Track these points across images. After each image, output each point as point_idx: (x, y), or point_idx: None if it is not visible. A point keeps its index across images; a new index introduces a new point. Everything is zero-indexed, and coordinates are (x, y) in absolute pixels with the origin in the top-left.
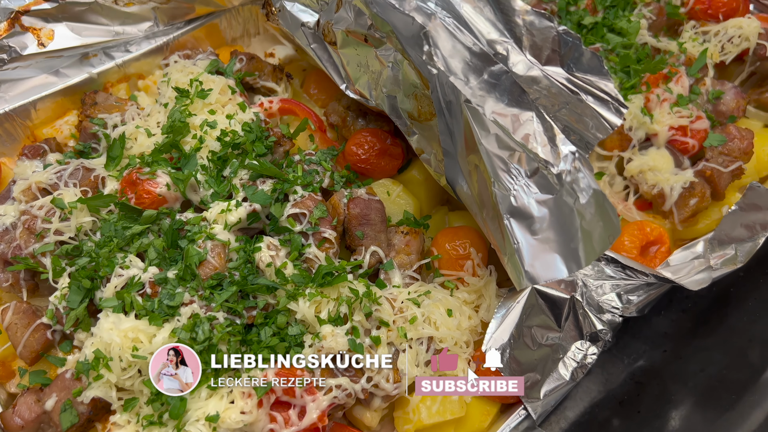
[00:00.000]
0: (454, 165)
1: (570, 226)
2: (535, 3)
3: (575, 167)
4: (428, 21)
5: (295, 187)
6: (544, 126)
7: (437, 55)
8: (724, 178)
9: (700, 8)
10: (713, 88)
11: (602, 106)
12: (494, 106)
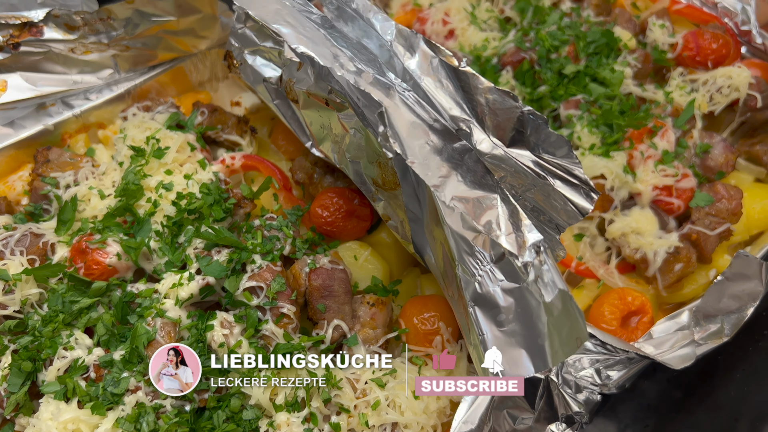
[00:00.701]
0: (421, 233)
1: (537, 321)
2: (514, 51)
3: (540, 260)
4: (385, 96)
5: (253, 256)
6: (509, 210)
7: (394, 136)
8: (711, 242)
9: (688, 55)
10: (701, 141)
11: (572, 191)
12: (456, 189)
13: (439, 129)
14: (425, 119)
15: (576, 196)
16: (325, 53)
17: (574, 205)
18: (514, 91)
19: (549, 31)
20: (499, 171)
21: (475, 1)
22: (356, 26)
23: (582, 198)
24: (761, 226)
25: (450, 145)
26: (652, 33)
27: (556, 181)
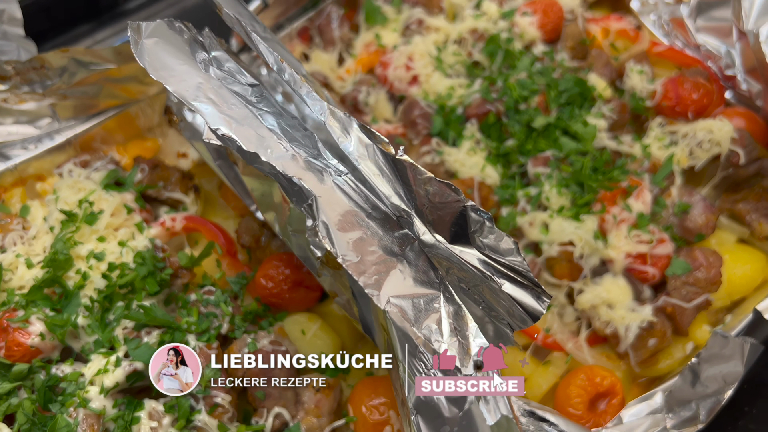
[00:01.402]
0: (369, 315)
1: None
2: (480, 102)
3: (485, 376)
4: (318, 182)
5: (187, 337)
6: (453, 311)
7: (325, 230)
8: (688, 314)
9: (667, 104)
10: (680, 200)
11: (522, 292)
12: (395, 288)
13: (378, 217)
14: (363, 207)
15: (526, 298)
16: (251, 135)
17: (524, 309)
18: (479, 145)
19: (518, 80)
20: (443, 263)
21: (442, 44)
22: (291, 101)
23: (533, 300)
24: (743, 291)
25: (390, 234)
26: (630, 79)
27: (504, 281)
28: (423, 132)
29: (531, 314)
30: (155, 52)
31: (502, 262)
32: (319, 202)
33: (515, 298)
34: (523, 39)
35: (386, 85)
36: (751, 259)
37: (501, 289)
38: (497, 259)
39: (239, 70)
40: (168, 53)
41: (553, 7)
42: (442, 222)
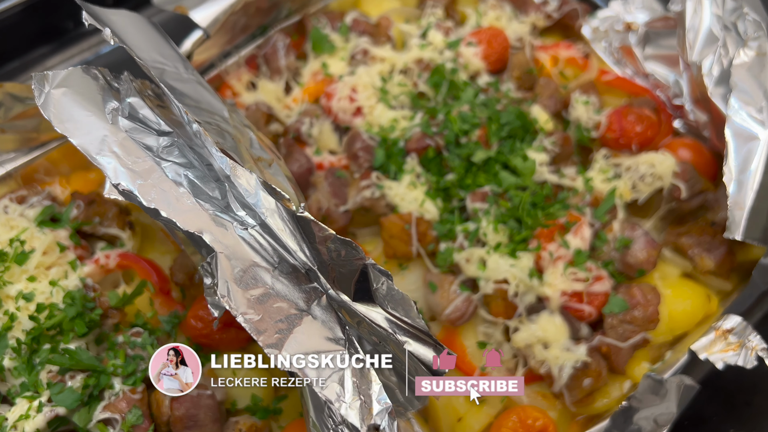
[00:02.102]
0: None
1: None
2: (420, 137)
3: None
4: (221, 237)
5: (113, 380)
6: (359, 369)
7: (224, 288)
8: (624, 354)
9: (612, 137)
10: (621, 235)
11: (426, 350)
12: (298, 345)
13: (286, 271)
14: (269, 260)
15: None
16: (153, 189)
17: (427, 368)
18: (419, 179)
19: (460, 113)
20: (355, 317)
21: (388, 74)
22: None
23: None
24: (685, 327)
25: (298, 288)
26: (575, 110)
27: (407, 339)
28: (365, 165)
29: (434, 373)
30: (62, 103)
31: (405, 320)
32: (219, 258)
33: (418, 357)
34: (467, 69)
35: (331, 115)
36: (692, 295)
37: (404, 347)
38: (400, 317)
39: (155, 117)
40: (76, 103)
41: (498, 37)
42: (346, 279)
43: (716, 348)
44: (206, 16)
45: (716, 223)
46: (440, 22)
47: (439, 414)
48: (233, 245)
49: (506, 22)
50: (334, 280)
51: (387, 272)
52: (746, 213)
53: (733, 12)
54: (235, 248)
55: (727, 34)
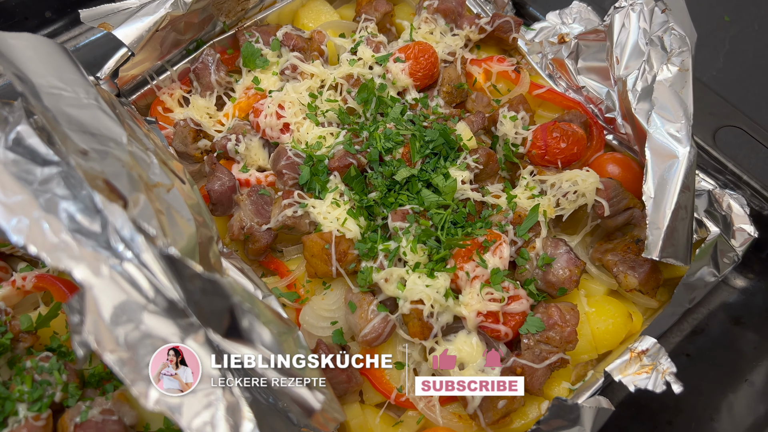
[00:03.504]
0: None
1: None
2: (342, 155)
3: None
4: (93, 272)
5: (17, 406)
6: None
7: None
8: (539, 376)
9: (537, 153)
10: (544, 252)
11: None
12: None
13: (163, 306)
14: (146, 295)
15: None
16: (23, 225)
17: (299, 405)
18: (342, 197)
19: (385, 130)
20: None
21: (317, 89)
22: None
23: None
24: (608, 345)
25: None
26: (503, 126)
27: (279, 377)
28: (290, 182)
29: (306, 410)
30: None
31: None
32: (87, 295)
33: (290, 395)
34: (395, 85)
35: (260, 131)
36: (615, 314)
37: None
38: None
39: (45, 148)
40: None
41: (426, 52)
42: (216, 317)
43: (630, 370)
44: (129, 33)
45: (641, 241)
46: (371, 36)
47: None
48: (105, 281)
49: (439, 36)
50: (206, 318)
51: (253, 311)
52: (663, 232)
53: (660, 26)
54: (108, 284)
55: (653, 49)
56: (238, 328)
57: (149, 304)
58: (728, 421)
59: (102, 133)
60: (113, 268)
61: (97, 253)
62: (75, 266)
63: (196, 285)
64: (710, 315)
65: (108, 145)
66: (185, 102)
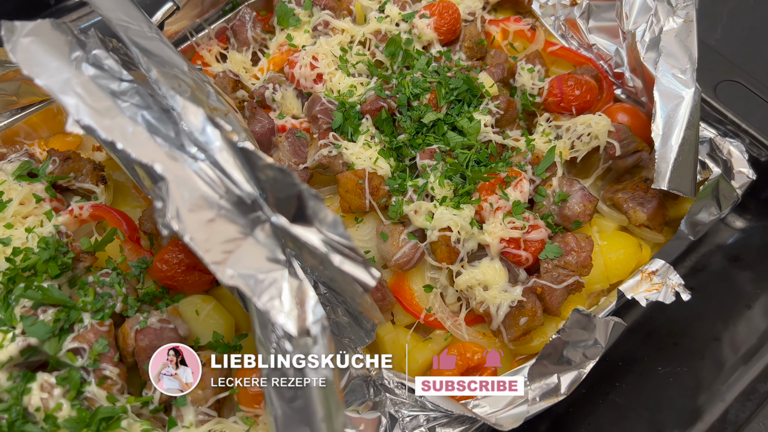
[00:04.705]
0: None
1: (315, 399)
2: (374, 99)
3: (313, 340)
4: (172, 169)
5: (82, 315)
6: (296, 285)
7: (173, 212)
8: (557, 296)
9: (553, 101)
10: (560, 190)
11: (355, 267)
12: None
13: (232, 201)
14: (217, 191)
15: (359, 272)
16: (111, 125)
17: (357, 282)
18: (374, 139)
19: (412, 78)
20: (292, 244)
21: (347, 45)
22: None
23: (365, 274)
24: (620, 275)
25: (242, 217)
26: (521, 77)
27: (338, 257)
28: (324, 126)
29: (363, 286)
30: (30, 50)
31: (336, 239)
32: (170, 185)
33: (349, 273)
34: (421, 40)
35: (294, 82)
36: (625, 245)
37: (336, 264)
38: (332, 238)
39: (118, 67)
40: (43, 51)
41: (449, 9)
42: (283, 204)
43: (641, 288)
44: None
45: (649, 180)
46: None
47: (386, 349)
48: (183, 176)
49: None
50: (275, 205)
51: (319, 196)
52: (671, 165)
53: None
54: (185, 179)
55: (659, 4)
56: (305, 213)
57: (221, 199)
58: (729, 342)
59: (167, 60)
60: (189, 165)
61: (174, 152)
62: (157, 161)
63: (269, 174)
64: (710, 253)
65: (174, 70)
66: (222, 58)
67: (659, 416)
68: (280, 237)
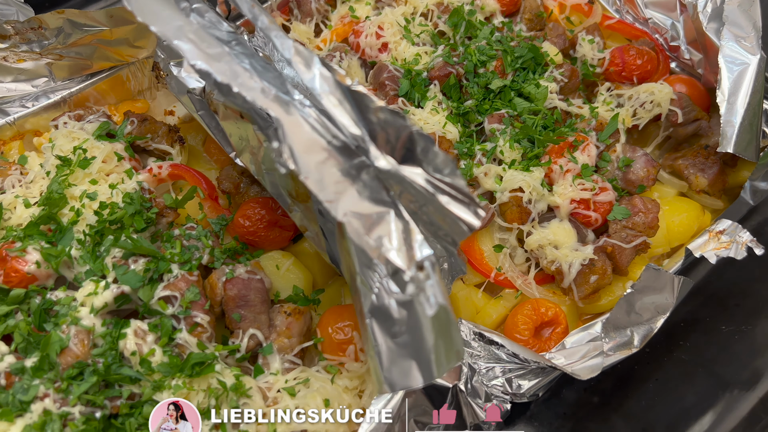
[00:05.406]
0: (334, 245)
1: (424, 333)
2: (442, 65)
3: (425, 275)
4: (285, 113)
5: (170, 266)
6: (402, 225)
7: (289, 152)
8: (627, 255)
9: (615, 70)
10: (624, 155)
11: (460, 207)
12: (350, 204)
13: (338, 146)
14: (324, 136)
15: (464, 213)
16: (225, 69)
17: (462, 222)
18: (441, 105)
19: (478, 46)
20: (396, 187)
21: (410, 16)
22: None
23: (470, 214)
24: (681, 238)
25: (348, 161)
26: (582, 48)
27: (444, 197)
28: (391, 93)
29: (468, 226)
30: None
31: (444, 180)
32: (285, 127)
33: (455, 213)
34: (483, 11)
35: (359, 51)
36: (688, 209)
37: (442, 204)
38: (440, 178)
39: (218, 20)
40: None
41: None
42: (393, 146)
43: (710, 247)
44: None
45: (710, 147)
46: None
47: (459, 306)
48: (294, 120)
49: None
50: (383, 146)
51: (430, 137)
52: (736, 129)
53: None
54: (296, 123)
55: None
56: (414, 153)
57: (329, 144)
58: None
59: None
60: (299, 110)
61: (283, 97)
62: (270, 106)
63: (380, 116)
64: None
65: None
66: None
67: (726, 371)
68: (383, 181)
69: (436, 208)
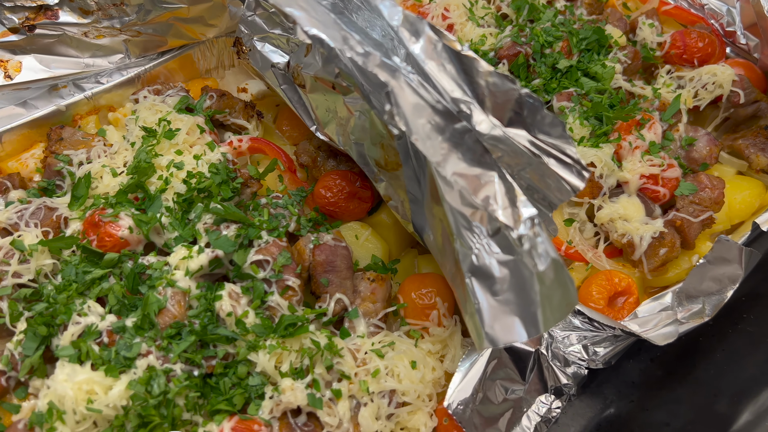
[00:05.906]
0: (420, 213)
1: (530, 290)
2: (511, 45)
3: (534, 232)
4: (391, 78)
5: (260, 233)
6: (505, 187)
7: (399, 114)
8: (694, 228)
9: (676, 53)
10: (686, 135)
11: (564, 170)
12: (456, 166)
13: (441, 110)
14: (428, 101)
15: (568, 175)
16: (335, 36)
17: (567, 183)
18: None
19: (543, 28)
20: (497, 151)
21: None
22: (364, 12)
23: (574, 176)
24: (742, 216)
25: (451, 125)
26: (642, 32)
27: (550, 159)
28: None
29: (573, 187)
30: None
31: (550, 142)
32: (394, 92)
33: (559, 174)
34: None
35: None
36: (750, 186)
37: (548, 166)
38: (545, 140)
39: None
40: None
41: None
42: (499, 109)
43: None
44: None
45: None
46: None
47: None
48: (400, 85)
49: None
50: (490, 109)
51: (539, 99)
52: None
53: None
54: (402, 88)
55: None
56: (522, 116)
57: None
58: None
59: None
60: (404, 76)
61: (389, 63)
62: (379, 71)
63: (489, 80)
64: None
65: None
66: None
67: None
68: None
69: (536, 171)
